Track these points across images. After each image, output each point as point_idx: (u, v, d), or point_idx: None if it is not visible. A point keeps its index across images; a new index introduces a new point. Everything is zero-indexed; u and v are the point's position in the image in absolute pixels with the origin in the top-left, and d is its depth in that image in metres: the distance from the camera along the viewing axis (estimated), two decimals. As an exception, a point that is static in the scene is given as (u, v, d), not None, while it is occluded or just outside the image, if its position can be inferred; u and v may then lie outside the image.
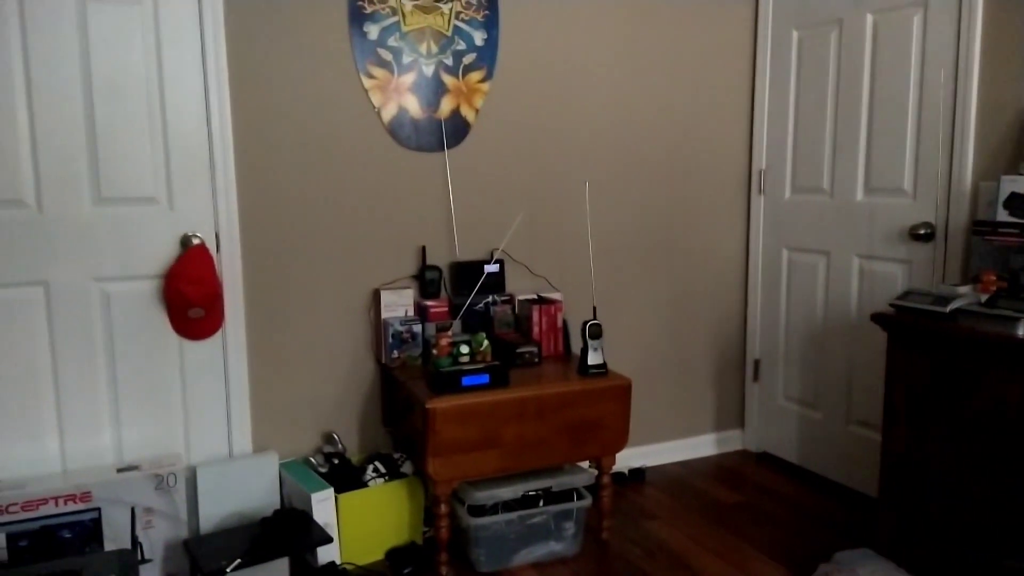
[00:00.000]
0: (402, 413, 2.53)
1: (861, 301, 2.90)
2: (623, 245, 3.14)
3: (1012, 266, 2.29)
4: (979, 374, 2.02)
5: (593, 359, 2.50)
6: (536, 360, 2.63)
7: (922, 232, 2.62)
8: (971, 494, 2.06)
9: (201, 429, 2.53)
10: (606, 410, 2.47)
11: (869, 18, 2.79)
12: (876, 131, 2.79)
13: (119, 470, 2.31)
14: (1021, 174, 2.27)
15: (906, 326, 2.18)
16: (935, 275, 2.60)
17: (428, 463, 2.28)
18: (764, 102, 3.25)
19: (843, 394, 2.98)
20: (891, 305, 2.24)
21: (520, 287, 2.94)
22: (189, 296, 2.38)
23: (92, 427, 2.39)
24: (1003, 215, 2.28)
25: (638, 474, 3.13)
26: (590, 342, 2.49)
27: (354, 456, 2.67)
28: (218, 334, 2.51)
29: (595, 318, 2.52)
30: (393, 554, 2.47)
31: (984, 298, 2.11)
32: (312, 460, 2.57)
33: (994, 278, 2.16)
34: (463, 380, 2.31)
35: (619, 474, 3.11)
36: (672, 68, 3.14)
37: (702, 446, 3.41)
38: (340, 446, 2.61)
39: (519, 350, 2.61)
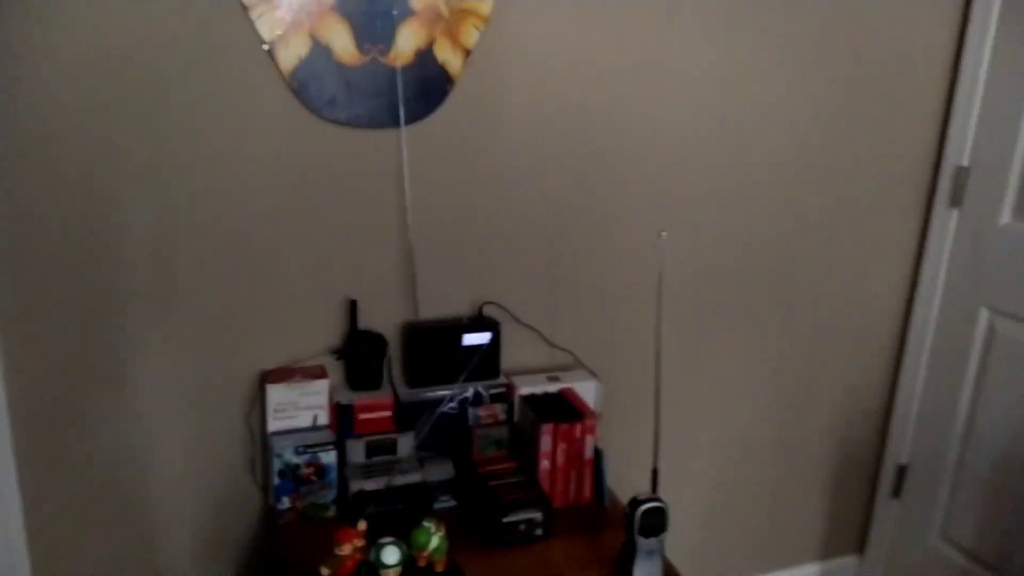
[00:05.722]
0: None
1: None
2: (709, 293, 1.86)
3: None
4: None
5: (645, 573, 1.30)
6: (539, 533, 1.44)
7: None
8: None
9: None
10: (660, 670, 1.29)
11: None
12: None
13: None
14: None
15: None
16: None
17: None
18: (982, 54, 1.86)
19: (1064, 573, 1.76)
20: None
21: (521, 362, 1.71)
22: None
23: None
24: None
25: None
26: (642, 542, 1.28)
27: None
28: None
29: (655, 493, 1.30)
30: None
31: None
32: None
33: None
34: (374, 643, 1.14)
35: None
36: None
37: (797, 582, 2.24)
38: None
39: (507, 519, 1.41)
